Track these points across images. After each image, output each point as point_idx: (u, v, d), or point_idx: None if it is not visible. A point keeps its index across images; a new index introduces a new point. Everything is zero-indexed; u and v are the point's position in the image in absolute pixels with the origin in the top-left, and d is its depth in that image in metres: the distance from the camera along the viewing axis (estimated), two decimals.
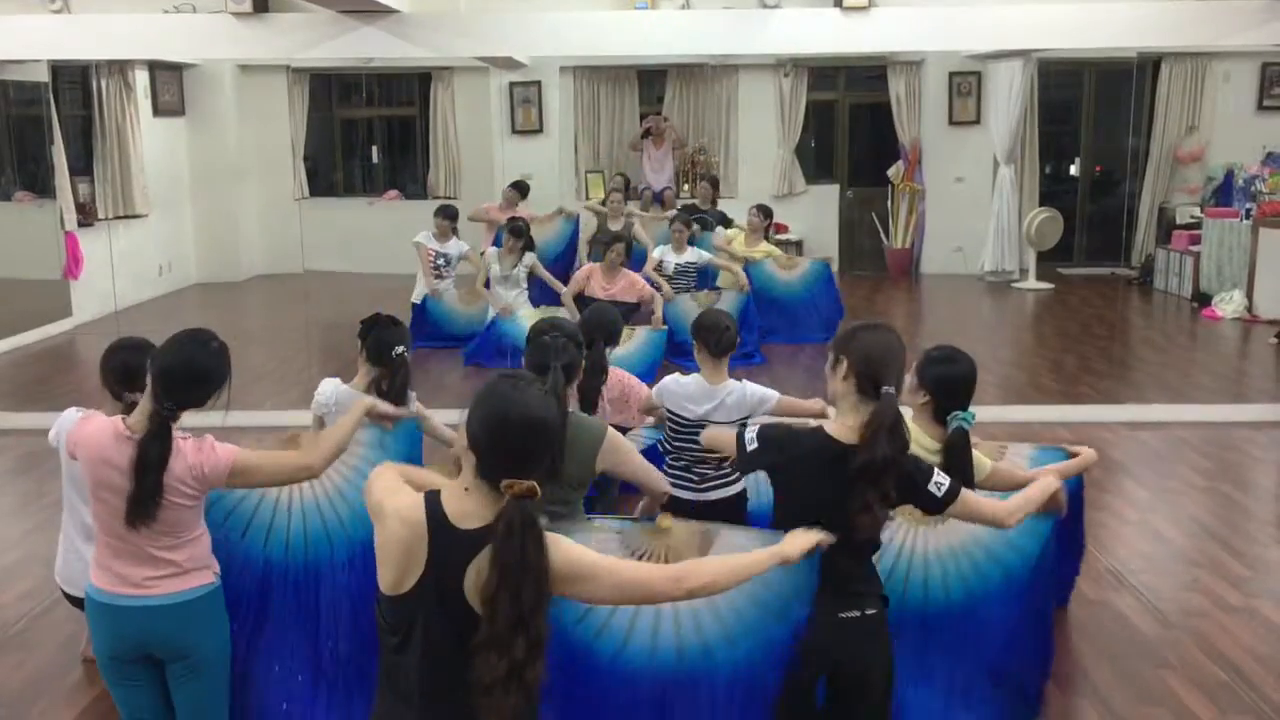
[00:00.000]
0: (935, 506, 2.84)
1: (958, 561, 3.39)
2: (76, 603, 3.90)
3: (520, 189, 9.84)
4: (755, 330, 8.42)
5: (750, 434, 2.89)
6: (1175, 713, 3.66)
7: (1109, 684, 3.82)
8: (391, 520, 2.18)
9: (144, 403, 2.79)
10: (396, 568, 2.18)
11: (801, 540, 2.56)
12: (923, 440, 3.32)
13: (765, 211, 9.34)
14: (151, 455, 2.71)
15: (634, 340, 7.69)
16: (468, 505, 2.19)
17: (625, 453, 3.37)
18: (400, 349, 3.70)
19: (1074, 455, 3.84)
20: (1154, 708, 3.69)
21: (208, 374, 2.82)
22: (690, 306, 8.30)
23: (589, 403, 3.90)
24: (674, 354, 7.31)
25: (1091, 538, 5.14)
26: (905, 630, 3.20)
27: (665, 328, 7.77)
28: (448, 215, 9.13)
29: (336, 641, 3.20)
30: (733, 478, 4.00)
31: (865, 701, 2.84)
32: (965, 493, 2.85)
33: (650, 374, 7.56)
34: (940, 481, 2.80)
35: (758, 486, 3.95)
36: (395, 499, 2.22)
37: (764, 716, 2.78)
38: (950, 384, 3.42)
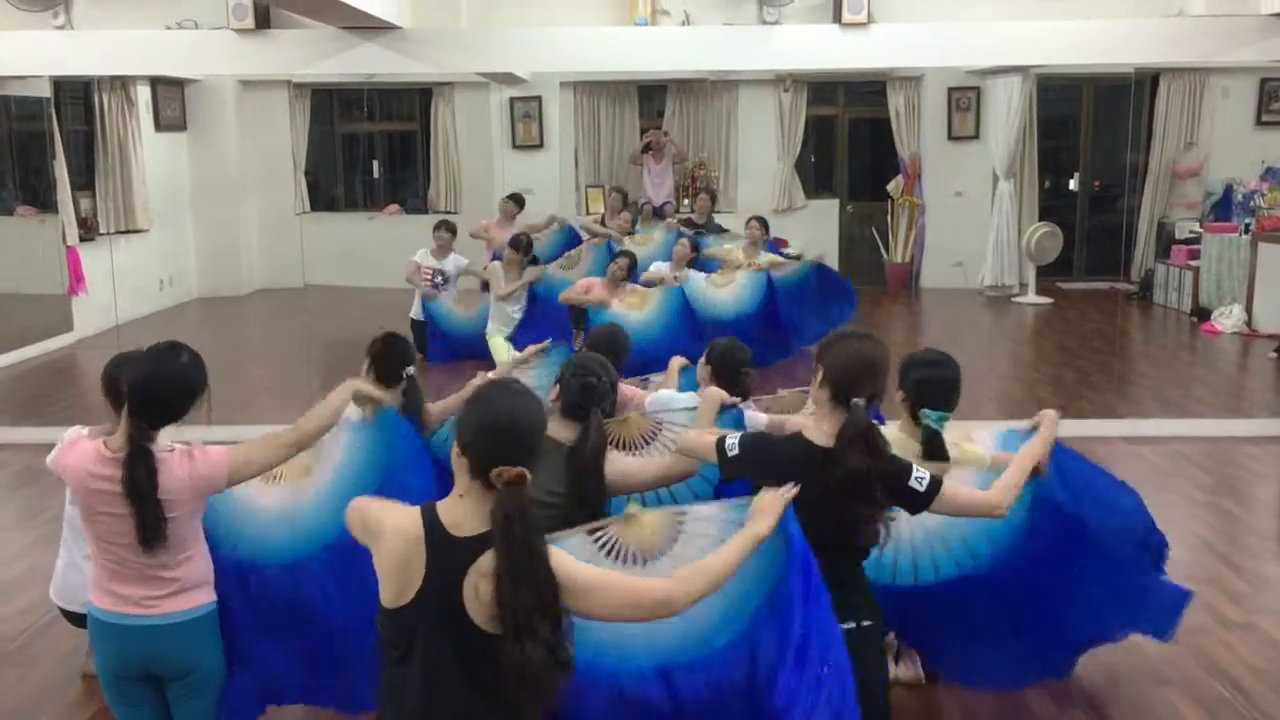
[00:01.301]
0: (918, 503, 2.84)
1: (945, 542, 3.47)
2: (73, 619, 3.91)
3: (517, 200, 9.90)
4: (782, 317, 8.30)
5: (731, 441, 2.91)
6: None
7: (1108, 700, 3.82)
8: (390, 537, 2.21)
9: (123, 421, 2.78)
10: (396, 582, 2.21)
11: (768, 510, 2.53)
12: (908, 445, 3.34)
13: (764, 223, 9.33)
14: (139, 478, 2.69)
15: (649, 303, 7.59)
16: (463, 511, 2.22)
17: (633, 470, 3.31)
18: (410, 369, 3.82)
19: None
20: None
21: (179, 388, 2.80)
22: (704, 289, 8.20)
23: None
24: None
25: None
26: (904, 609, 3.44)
27: (678, 285, 7.74)
28: (449, 229, 9.16)
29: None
30: None
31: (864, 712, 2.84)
32: (947, 485, 2.87)
33: (677, 337, 7.49)
34: (921, 477, 2.81)
35: None
36: (393, 515, 2.25)
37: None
38: (930, 387, 3.45)
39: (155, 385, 2.76)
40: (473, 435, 2.24)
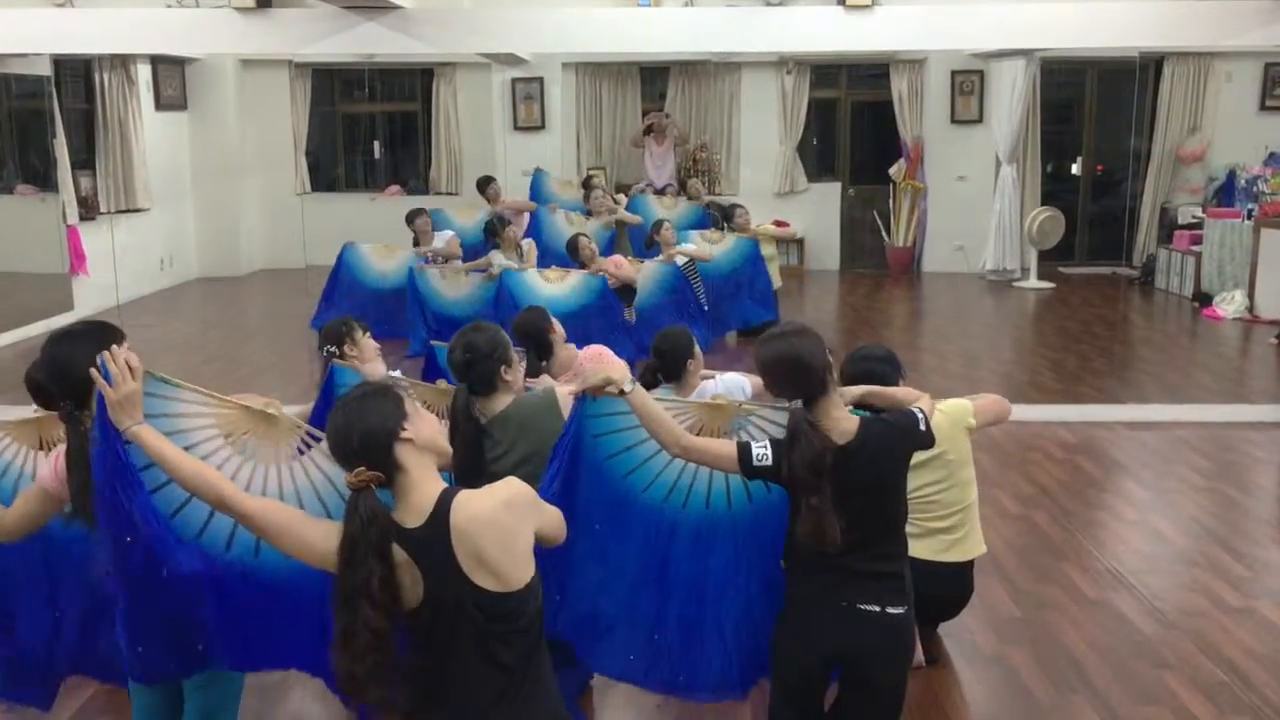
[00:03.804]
0: (930, 438, 2.85)
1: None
2: None
3: (478, 186, 10.01)
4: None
5: (761, 450, 2.76)
6: (1174, 712, 3.66)
7: (1108, 683, 3.82)
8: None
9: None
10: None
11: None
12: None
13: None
14: (70, 455, 2.66)
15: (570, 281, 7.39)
16: (399, 508, 2.23)
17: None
18: (332, 348, 3.97)
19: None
20: (1153, 707, 3.70)
21: (65, 363, 2.76)
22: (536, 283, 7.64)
23: None
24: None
25: (1090, 537, 5.17)
26: (682, 534, 3.09)
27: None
28: (420, 215, 9.11)
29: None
30: None
31: (871, 702, 2.84)
32: (927, 407, 2.91)
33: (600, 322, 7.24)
34: (918, 416, 2.83)
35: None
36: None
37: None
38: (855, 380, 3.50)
39: (46, 371, 2.86)
40: (329, 444, 2.26)
